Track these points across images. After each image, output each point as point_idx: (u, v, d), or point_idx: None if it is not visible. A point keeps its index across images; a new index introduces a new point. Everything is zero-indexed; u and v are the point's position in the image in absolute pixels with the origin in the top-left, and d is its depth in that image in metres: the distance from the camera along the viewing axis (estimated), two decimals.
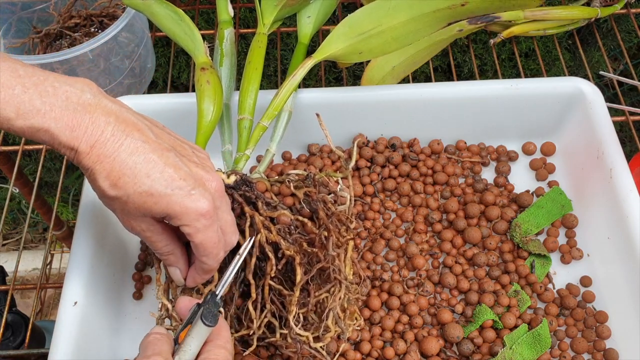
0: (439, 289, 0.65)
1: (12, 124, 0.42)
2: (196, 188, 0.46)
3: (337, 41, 0.64)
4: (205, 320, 0.44)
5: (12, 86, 0.41)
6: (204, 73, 0.62)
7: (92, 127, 0.43)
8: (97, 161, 0.44)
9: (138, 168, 0.44)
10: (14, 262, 0.76)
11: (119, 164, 0.44)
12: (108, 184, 0.44)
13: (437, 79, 1.12)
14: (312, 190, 0.57)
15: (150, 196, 0.44)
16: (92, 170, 0.44)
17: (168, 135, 0.48)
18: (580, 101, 0.70)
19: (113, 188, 0.44)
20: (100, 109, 0.44)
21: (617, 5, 0.88)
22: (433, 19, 0.62)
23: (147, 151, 0.45)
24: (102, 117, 0.44)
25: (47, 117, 0.42)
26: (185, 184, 0.45)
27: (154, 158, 0.45)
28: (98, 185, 0.45)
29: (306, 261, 0.55)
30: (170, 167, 0.45)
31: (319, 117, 0.62)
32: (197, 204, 0.45)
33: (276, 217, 0.55)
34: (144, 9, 0.68)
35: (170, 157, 0.46)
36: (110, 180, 0.44)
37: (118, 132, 0.44)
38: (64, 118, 0.43)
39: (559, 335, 0.62)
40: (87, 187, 0.64)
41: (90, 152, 0.43)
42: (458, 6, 0.61)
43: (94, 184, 0.45)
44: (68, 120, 0.43)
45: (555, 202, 0.69)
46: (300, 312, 0.54)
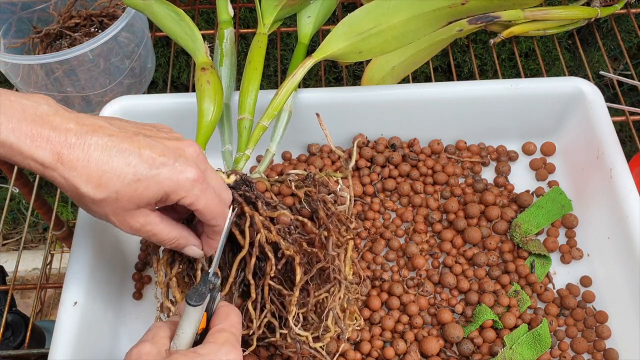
0: (439, 289, 0.65)
1: None
2: (177, 159, 0.45)
3: (337, 40, 0.64)
4: (190, 300, 0.43)
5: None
6: (204, 73, 0.62)
7: (54, 134, 0.42)
8: (71, 168, 0.42)
9: (115, 161, 0.43)
10: (14, 262, 0.76)
11: (95, 164, 0.43)
12: (91, 187, 0.43)
13: (437, 79, 1.12)
14: (313, 190, 0.57)
15: (138, 182, 0.44)
16: (69, 180, 0.43)
17: (128, 123, 0.47)
18: (580, 101, 0.70)
19: (98, 189, 0.43)
20: (59, 117, 0.43)
21: (617, 5, 0.88)
22: (433, 17, 0.62)
23: (117, 143, 0.44)
24: (63, 123, 0.43)
25: (4, 128, 0.41)
26: (166, 159, 0.45)
27: (126, 147, 0.44)
28: (81, 193, 0.43)
29: (306, 261, 0.55)
30: (145, 149, 0.44)
31: (319, 117, 0.62)
32: (185, 174, 0.45)
33: (276, 217, 0.55)
34: (144, 9, 0.68)
35: (141, 140, 0.45)
36: (92, 183, 0.43)
37: (82, 134, 0.43)
38: (22, 128, 0.41)
39: (559, 335, 0.62)
40: None
41: (58, 160, 0.42)
42: (458, 5, 0.61)
43: (77, 193, 0.43)
44: (27, 130, 0.41)
45: (555, 202, 0.69)
46: (300, 312, 0.54)
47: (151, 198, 0.45)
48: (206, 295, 0.44)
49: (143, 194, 0.44)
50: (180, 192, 0.45)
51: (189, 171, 0.45)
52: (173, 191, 0.45)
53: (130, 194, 0.44)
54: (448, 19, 0.63)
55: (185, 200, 0.46)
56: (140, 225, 0.47)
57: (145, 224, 0.47)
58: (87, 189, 0.43)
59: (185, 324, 0.44)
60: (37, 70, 0.75)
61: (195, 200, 0.46)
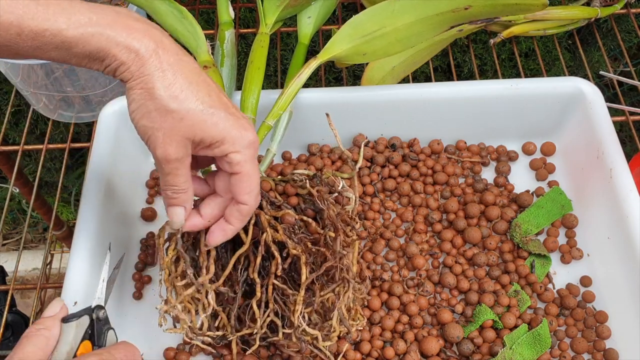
0: (439, 289, 0.65)
1: (64, 34, 0.41)
2: (246, 119, 0.46)
3: (341, 42, 0.64)
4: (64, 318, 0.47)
5: (59, 3, 0.41)
6: (206, 71, 0.62)
7: (150, 33, 0.42)
8: (160, 68, 0.42)
9: (201, 86, 0.44)
10: (14, 262, 0.76)
11: (183, 77, 0.43)
12: (169, 94, 0.43)
13: (437, 79, 1.12)
14: (322, 190, 0.57)
15: (210, 115, 0.44)
16: (152, 77, 0.42)
17: None
18: (580, 101, 0.70)
19: (173, 100, 0.43)
20: (153, 25, 0.44)
21: (617, 5, 0.88)
22: (436, 22, 0.63)
23: (204, 75, 0.45)
24: (157, 30, 0.43)
25: (101, 22, 0.41)
26: (238, 113, 0.46)
27: (210, 82, 0.45)
28: (156, 95, 0.42)
29: (311, 261, 0.55)
30: (223, 96, 0.46)
31: (328, 117, 0.63)
32: (248, 132, 0.46)
33: (280, 217, 0.55)
34: (146, 6, 0.68)
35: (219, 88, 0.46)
36: (171, 91, 0.43)
37: (176, 48, 0.43)
38: (118, 23, 0.42)
39: (559, 335, 0.62)
40: (87, 187, 0.64)
41: (152, 55, 0.42)
42: (461, 9, 0.61)
43: (149, 94, 0.43)
44: (123, 24, 0.42)
45: (555, 202, 0.69)
46: (305, 311, 0.54)
47: (210, 136, 0.44)
48: (81, 315, 0.47)
49: (208, 127, 0.44)
50: (237, 145, 0.45)
51: (252, 131, 0.46)
52: (231, 140, 0.45)
53: (196, 120, 0.44)
54: (451, 23, 0.63)
55: (236, 157, 0.45)
56: (175, 157, 0.45)
57: (179, 158, 0.45)
58: (164, 93, 0.43)
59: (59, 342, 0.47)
60: (37, 70, 0.75)
61: (244, 161, 0.46)
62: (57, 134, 1.18)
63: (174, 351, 0.62)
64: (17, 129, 1.19)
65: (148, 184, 0.73)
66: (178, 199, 0.48)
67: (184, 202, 0.49)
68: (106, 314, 0.50)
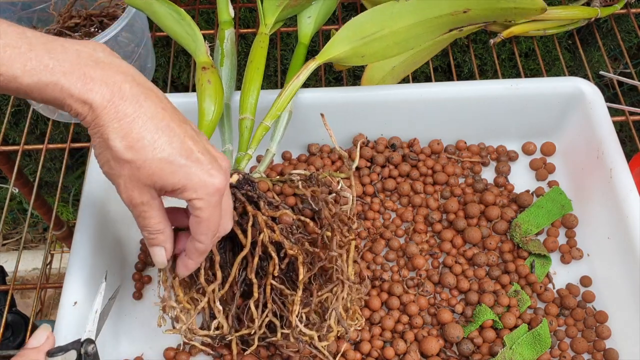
0: (439, 289, 0.65)
1: (19, 82, 0.40)
2: (212, 163, 0.45)
3: (340, 44, 0.64)
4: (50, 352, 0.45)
5: (18, 45, 0.40)
6: (205, 72, 0.62)
7: (108, 82, 0.41)
8: (115, 119, 0.41)
9: (159, 134, 0.43)
10: (14, 262, 0.76)
11: (140, 126, 0.42)
12: (124, 145, 0.42)
13: (437, 79, 1.12)
14: (317, 190, 0.57)
15: (169, 164, 0.43)
16: (107, 129, 0.42)
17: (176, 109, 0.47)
18: (580, 101, 0.70)
19: (129, 150, 0.42)
20: (115, 67, 0.43)
21: (617, 5, 0.88)
22: (435, 24, 0.63)
23: (167, 119, 0.43)
24: (118, 75, 0.42)
25: (56, 71, 0.40)
26: (204, 158, 0.45)
27: (174, 127, 0.44)
28: (111, 146, 0.42)
29: (309, 261, 0.55)
30: (189, 140, 0.44)
31: (323, 118, 0.62)
32: (213, 179, 0.45)
33: (278, 217, 0.55)
34: (145, 8, 0.68)
35: (188, 130, 0.45)
36: (127, 142, 0.42)
37: (137, 93, 0.42)
38: (75, 72, 0.41)
39: (559, 335, 0.62)
40: (87, 187, 0.64)
41: (107, 107, 0.41)
42: (460, 13, 0.61)
43: (106, 144, 0.42)
44: (80, 73, 0.41)
45: (555, 202, 0.69)
46: (303, 311, 0.54)
47: (169, 184, 0.44)
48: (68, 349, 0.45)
49: (166, 176, 0.43)
50: (200, 192, 0.45)
51: (217, 178, 0.45)
52: (193, 188, 0.44)
53: (155, 169, 0.43)
54: (450, 26, 0.63)
55: (197, 203, 0.45)
56: (141, 202, 0.45)
57: (146, 202, 0.45)
58: (119, 145, 0.42)
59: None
60: None
61: (205, 207, 0.45)
62: (57, 134, 1.18)
63: (174, 351, 0.62)
64: (17, 129, 1.19)
65: None
66: (155, 239, 0.49)
67: (162, 243, 0.49)
68: (96, 349, 0.47)
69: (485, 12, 0.61)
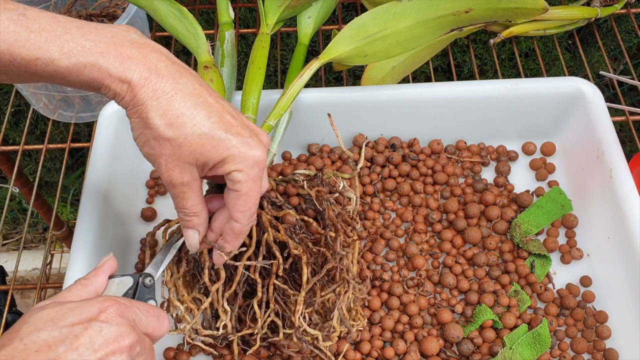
0: (439, 289, 0.65)
1: (57, 64, 0.40)
2: (252, 137, 0.45)
3: (342, 43, 0.64)
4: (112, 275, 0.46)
5: (53, 29, 0.40)
6: (207, 71, 0.62)
7: (144, 60, 0.42)
8: (153, 97, 0.42)
9: (198, 109, 0.43)
10: (14, 262, 0.76)
11: (178, 103, 0.42)
12: (164, 122, 0.42)
13: (437, 79, 1.12)
14: (322, 190, 0.57)
15: (209, 139, 0.43)
16: (146, 107, 0.42)
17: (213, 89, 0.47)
18: (580, 101, 0.70)
19: (169, 128, 0.42)
20: (150, 47, 0.43)
21: (617, 5, 0.88)
22: (437, 24, 0.63)
23: (204, 94, 0.43)
24: (153, 53, 0.42)
25: (93, 51, 0.41)
26: (243, 130, 0.44)
27: (211, 102, 0.44)
28: (151, 124, 0.42)
29: (312, 261, 0.55)
30: (227, 114, 0.44)
31: (330, 118, 0.62)
32: (253, 151, 0.44)
33: (281, 217, 0.55)
34: (146, 6, 0.68)
35: (225, 105, 0.45)
36: (166, 119, 0.42)
37: (173, 71, 0.42)
38: (112, 51, 0.41)
39: (559, 335, 0.62)
40: (87, 187, 0.64)
41: (145, 85, 0.41)
42: (462, 13, 0.61)
43: (145, 123, 0.42)
44: (116, 53, 0.41)
45: (555, 202, 0.69)
46: (306, 311, 0.54)
47: (211, 159, 0.44)
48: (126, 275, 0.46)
49: (207, 152, 0.43)
50: (239, 163, 0.44)
51: (257, 151, 0.45)
52: (233, 159, 0.44)
53: (196, 145, 0.43)
54: (452, 26, 0.64)
55: (237, 175, 0.44)
56: (181, 182, 0.45)
57: (186, 183, 0.45)
58: (159, 122, 0.42)
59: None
60: None
61: (245, 180, 0.45)
62: (57, 134, 1.18)
63: (174, 351, 0.62)
64: (17, 129, 1.19)
65: (148, 184, 0.73)
66: (190, 221, 0.48)
67: (197, 226, 0.49)
68: (153, 282, 0.48)
69: (487, 12, 0.62)
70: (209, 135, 0.43)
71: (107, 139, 0.67)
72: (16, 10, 0.40)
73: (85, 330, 0.38)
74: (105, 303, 0.40)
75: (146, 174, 0.74)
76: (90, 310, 0.39)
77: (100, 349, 0.37)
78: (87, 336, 0.37)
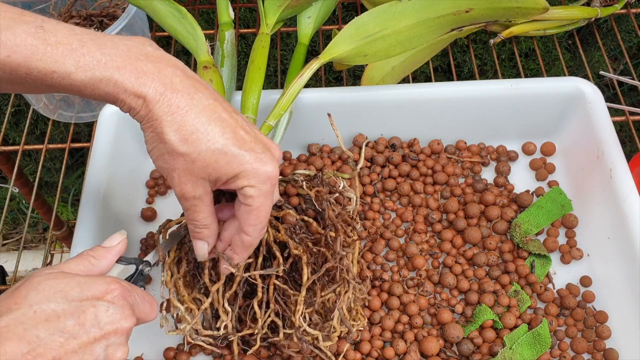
0: (439, 289, 0.65)
1: (73, 78, 0.41)
2: (265, 152, 0.45)
3: (342, 43, 0.64)
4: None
5: (69, 42, 0.41)
6: (206, 72, 0.62)
7: (160, 75, 0.42)
8: (168, 112, 0.42)
9: (212, 125, 0.43)
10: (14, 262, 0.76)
11: (193, 118, 0.42)
12: (178, 138, 0.42)
13: (437, 79, 1.12)
14: (322, 190, 0.57)
15: (223, 155, 0.43)
16: (161, 122, 0.42)
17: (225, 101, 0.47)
18: (580, 101, 0.70)
19: (183, 143, 0.43)
20: (165, 61, 0.43)
21: (617, 5, 0.88)
22: (437, 24, 0.63)
23: (219, 110, 0.44)
24: (169, 68, 0.43)
25: (109, 66, 0.41)
26: (256, 146, 0.45)
27: (226, 117, 0.44)
28: (165, 139, 0.43)
29: (312, 261, 0.55)
30: (241, 129, 0.45)
31: (330, 118, 0.62)
32: (266, 167, 0.45)
33: (281, 217, 0.55)
34: (146, 6, 0.68)
35: (239, 120, 0.45)
36: (180, 135, 0.42)
37: (188, 86, 0.43)
38: (127, 66, 0.41)
39: (559, 335, 0.62)
40: (87, 187, 0.64)
41: (160, 100, 0.42)
42: (462, 12, 0.61)
43: (159, 138, 0.43)
44: (132, 68, 0.42)
45: (555, 202, 0.69)
46: (306, 311, 0.54)
47: (224, 174, 0.44)
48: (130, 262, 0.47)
49: (221, 167, 0.44)
50: (252, 179, 0.44)
51: (270, 167, 0.45)
52: (246, 175, 0.44)
53: (209, 161, 0.43)
54: (452, 26, 0.63)
55: (249, 191, 0.45)
56: (193, 196, 0.45)
57: (198, 197, 0.46)
58: (174, 137, 0.42)
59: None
60: None
61: (257, 195, 0.45)
62: (57, 134, 1.18)
63: (174, 351, 0.62)
64: (17, 129, 1.19)
65: (148, 184, 0.73)
66: (200, 233, 0.49)
67: (207, 238, 0.49)
68: (150, 271, 0.49)
69: (487, 12, 0.61)
70: (223, 152, 0.43)
71: (107, 139, 0.67)
72: (34, 22, 0.41)
73: (92, 307, 0.39)
74: (111, 285, 0.41)
75: (146, 174, 0.74)
76: (97, 288, 0.40)
77: (105, 327, 0.39)
78: (94, 313, 0.39)
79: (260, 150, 0.45)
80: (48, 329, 0.37)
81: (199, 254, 0.50)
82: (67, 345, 0.37)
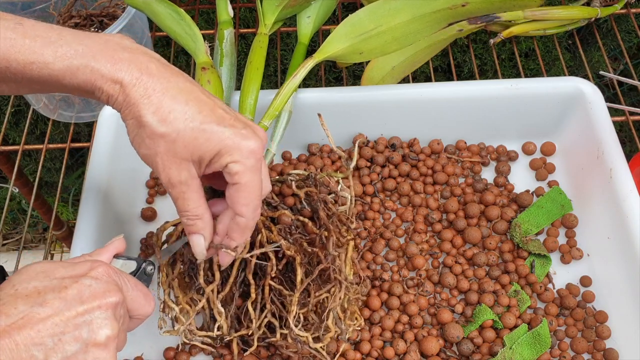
0: (439, 289, 0.65)
1: (51, 67, 0.42)
2: (246, 127, 0.45)
3: (338, 41, 0.64)
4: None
5: (48, 36, 0.42)
6: (204, 72, 0.62)
7: (136, 62, 0.43)
8: (145, 95, 0.43)
9: (190, 104, 0.44)
10: (14, 262, 0.76)
11: (170, 99, 0.43)
12: (156, 119, 0.43)
13: (437, 79, 1.12)
14: (314, 190, 0.57)
15: (202, 132, 0.43)
16: (138, 106, 0.43)
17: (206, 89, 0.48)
18: (580, 101, 0.70)
19: (162, 123, 0.43)
20: (141, 51, 0.44)
21: (617, 5, 0.88)
22: (434, 19, 0.62)
23: (196, 92, 0.45)
24: (145, 56, 0.44)
25: (86, 54, 0.42)
26: (236, 123, 0.45)
27: (203, 98, 0.45)
28: (144, 122, 0.43)
29: (307, 261, 0.55)
30: (219, 109, 0.45)
31: (320, 118, 0.62)
32: (247, 141, 0.45)
33: (277, 217, 0.55)
34: (145, 8, 0.68)
35: (218, 101, 0.46)
36: (158, 116, 0.43)
37: (163, 71, 0.44)
38: (104, 55, 0.43)
39: (559, 335, 0.62)
40: (87, 187, 0.64)
41: (136, 84, 0.43)
42: (458, 7, 0.61)
43: (138, 122, 0.43)
44: (108, 56, 0.43)
45: (555, 202, 0.69)
46: (301, 312, 0.54)
47: (205, 152, 0.44)
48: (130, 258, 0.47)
49: (201, 144, 0.44)
50: (235, 154, 0.44)
51: (253, 140, 0.45)
52: (227, 151, 0.44)
53: (189, 139, 0.43)
54: (448, 21, 0.63)
55: (234, 167, 0.44)
56: (179, 180, 0.45)
57: (184, 181, 0.45)
58: (152, 119, 0.43)
59: None
60: None
61: (243, 171, 0.45)
62: (57, 134, 1.18)
63: (174, 351, 0.62)
64: (17, 129, 1.19)
65: (148, 184, 0.73)
66: (194, 225, 0.48)
67: (201, 230, 0.48)
68: (153, 271, 0.49)
69: (483, 5, 0.61)
70: (201, 129, 0.44)
71: (107, 139, 0.67)
72: (13, 20, 0.43)
73: (74, 282, 0.39)
74: (95, 263, 0.42)
75: (146, 174, 0.74)
76: (81, 267, 0.41)
77: (87, 302, 0.39)
78: (76, 288, 0.39)
79: (241, 126, 0.45)
80: (27, 303, 0.37)
81: (197, 251, 0.49)
82: (49, 319, 0.37)
